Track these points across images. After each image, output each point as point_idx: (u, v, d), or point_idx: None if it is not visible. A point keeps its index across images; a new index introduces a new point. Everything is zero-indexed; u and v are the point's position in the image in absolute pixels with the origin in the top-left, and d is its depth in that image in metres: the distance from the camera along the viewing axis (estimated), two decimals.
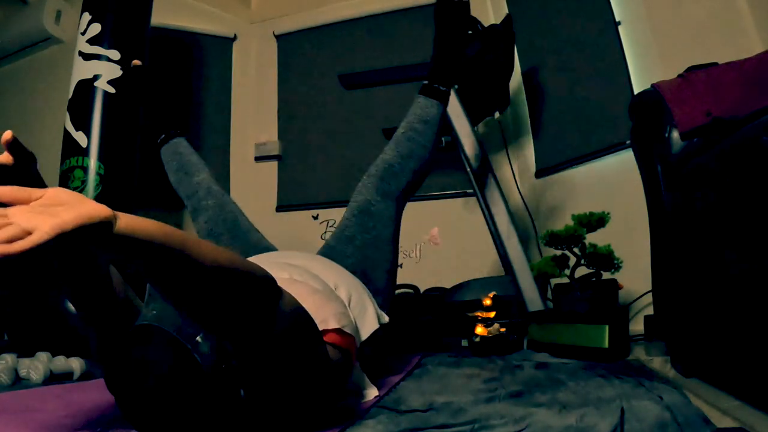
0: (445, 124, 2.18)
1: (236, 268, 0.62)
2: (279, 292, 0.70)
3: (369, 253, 1.28)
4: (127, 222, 0.50)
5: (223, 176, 3.00)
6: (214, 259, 0.58)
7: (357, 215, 1.31)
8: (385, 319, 1.15)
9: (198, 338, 0.68)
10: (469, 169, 2.05)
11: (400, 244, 1.36)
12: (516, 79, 2.46)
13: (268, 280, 0.68)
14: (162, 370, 0.66)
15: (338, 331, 0.90)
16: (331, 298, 0.98)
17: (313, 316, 0.86)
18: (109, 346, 0.73)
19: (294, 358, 0.75)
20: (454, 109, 2.06)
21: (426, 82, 1.47)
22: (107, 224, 0.48)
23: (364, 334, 1.06)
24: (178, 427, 0.68)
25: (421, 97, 1.45)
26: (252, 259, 1.20)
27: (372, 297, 1.17)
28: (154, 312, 0.71)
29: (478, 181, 2.01)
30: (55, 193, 0.49)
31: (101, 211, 0.48)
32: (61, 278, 0.72)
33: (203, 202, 1.46)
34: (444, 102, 1.45)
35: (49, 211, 0.46)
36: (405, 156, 1.35)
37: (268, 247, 1.37)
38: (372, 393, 1.01)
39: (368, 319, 1.09)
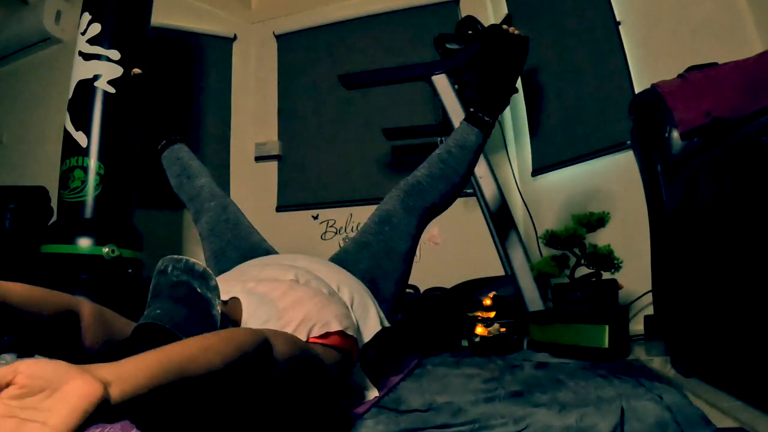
0: (447, 124, 2.17)
1: (231, 359, 0.59)
2: (269, 347, 0.68)
3: (381, 263, 1.27)
4: (121, 388, 0.43)
5: (223, 176, 3.00)
6: (208, 362, 0.55)
7: (377, 223, 1.31)
8: (386, 323, 1.14)
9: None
10: None
11: None
12: None
13: (258, 345, 0.65)
14: None
15: (340, 333, 0.90)
16: (333, 299, 0.98)
17: (315, 319, 0.86)
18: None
19: (297, 383, 0.75)
20: (454, 109, 2.06)
21: (472, 109, 1.46)
22: (104, 403, 0.41)
23: (367, 335, 1.06)
24: (179, 425, 0.68)
25: (464, 123, 1.45)
26: (254, 261, 1.20)
27: (374, 300, 1.17)
28: (158, 311, 0.71)
29: (478, 181, 2.01)
30: (28, 375, 0.39)
31: (91, 392, 0.40)
32: None
33: (205, 204, 1.46)
34: (486, 133, 1.44)
35: (33, 415, 0.37)
36: (435, 177, 1.35)
37: (268, 250, 1.37)
38: (372, 394, 1.01)
39: (371, 321, 1.09)
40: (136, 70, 1.72)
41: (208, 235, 1.41)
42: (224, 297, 0.87)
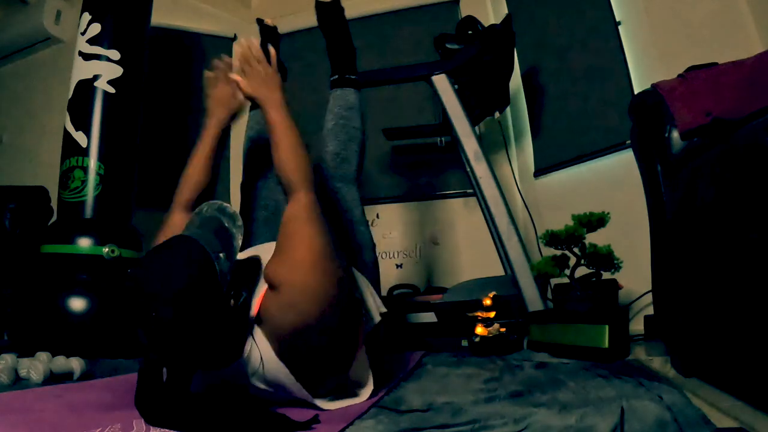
0: (447, 124, 2.18)
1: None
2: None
3: (352, 237, 1.36)
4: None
5: (223, 176, 2.99)
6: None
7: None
8: (383, 309, 1.19)
9: (221, 254, 0.80)
10: (469, 169, 2.05)
11: (400, 244, 1.39)
12: (516, 79, 2.46)
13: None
14: (183, 266, 0.76)
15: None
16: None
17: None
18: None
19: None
20: (454, 109, 2.06)
21: (336, 76, 1.61)
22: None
23: (372, 317, 1.11)
24: (184, 345, 0.75)
25: (337, 89, 1.58)
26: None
27: (372, 289, 1.22)
28: (193, 230, 0.84)
29: (478, 181, 2.01)
30: (272, 74, 1.18)
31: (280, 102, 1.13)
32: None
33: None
34: (358, 87, 1.58)
35: (267, 86, 1.15)
36: (346, 141, 1.47)
37: None
38: (367, 391, 1.01)
39: (372, 307, 1.14)
40: (269, 21, 1.97)
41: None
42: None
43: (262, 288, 0.90)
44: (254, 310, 0.88)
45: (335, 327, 0.91)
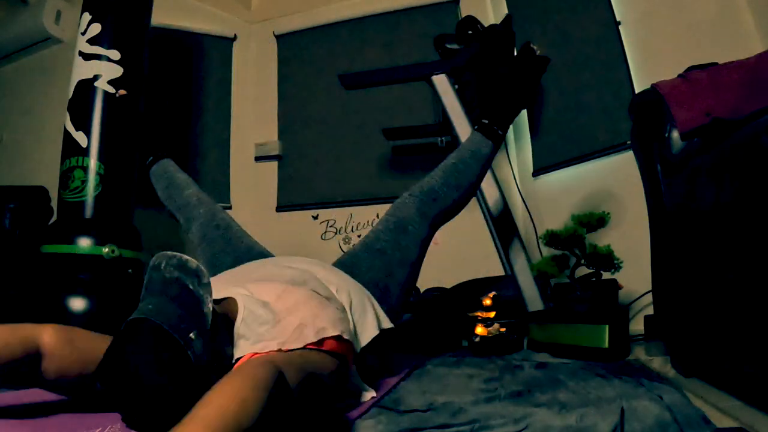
0: (447, 124, 2.17)
1: (263, 403, 0.61)
2: (284, 378, 0.69)
3: (395, 270, 1.28)
4: None
5: (223, 176, 3.00)
6: (248, 416, 0.58)
7: (393, 230, 1.32)
8: (387, 324, 1.13)
9: (192, 335, 0.70)
10: None
11: None
12: None
13: (276, 380, 0.67)
14: (154, 364, 0.68)
15: (336, 338, 0.90)
16: (329, 303, 0.98)
17: (310, 324, 0.87)
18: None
19: (305, 401, 0.76)
20: (454, 109, 2.06)
21: (486, 120, 1.49)
22: None
23: (364, 339, 1.05)
24: (169, 421, 0.69)
25: (478, 134, 1.49)
26: (251, 264, 1.19)
27: (374, 301, 1.16)
28: (150, 306, 0.73)
29: None
30: None
31: None
32: None
33: (194, 211, 1.49)
34: (497, 144, 1.49)
35: None
36: (450, 186, 1.39)
37: (263, 252, 1.37)
38: (369, 395, 1.01)
39: (368, 325, 1.08)
40: (122, 92, 1.76)
41: (200, 242, 1.42)
42: (219, 296, 0.87)
43: (243, 346, 0.83)
44: (237, 363, 0.80)
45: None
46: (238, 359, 0.81)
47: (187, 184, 1.59)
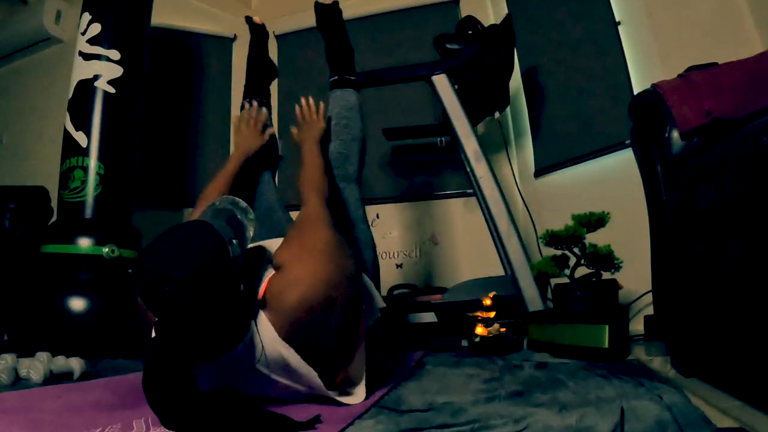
0: (447, 124, 2.18)
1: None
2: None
3: (353, 236, 1.38)
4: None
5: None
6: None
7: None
8: (382, 304, 1.21)
9: (234, 240, 0.82)
10: (469, 169, 2.05)
11: (400, 244, 1.40)
12: (516, 79, 2.46)
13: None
14: (198, 249, 0.78)
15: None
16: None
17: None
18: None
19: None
20: (454, 109, 2.06)
21: (335, 77, 1.64)
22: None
23: (371, 317, 1.13)
24: (192, 323, 0.76)
25: (337, 90, 1.62)
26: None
27: (372, 285, 1.24)
28: (207, 218, 0.86)
29: (478, 181, 2.01)
30: (317, 121, 1.46)
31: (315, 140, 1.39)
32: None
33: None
34: (357, 87, 1.62)
35: (310, 131, 1.42)
36: (348, 141, 1.52)
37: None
38: (360, 390, 1.00)
39: (376, 297, 1.18)
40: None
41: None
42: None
43: (268, 274, 0.92)
44: (260, 294, 0.89)
45: (340, 314, 0.92)
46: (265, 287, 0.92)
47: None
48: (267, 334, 0.86)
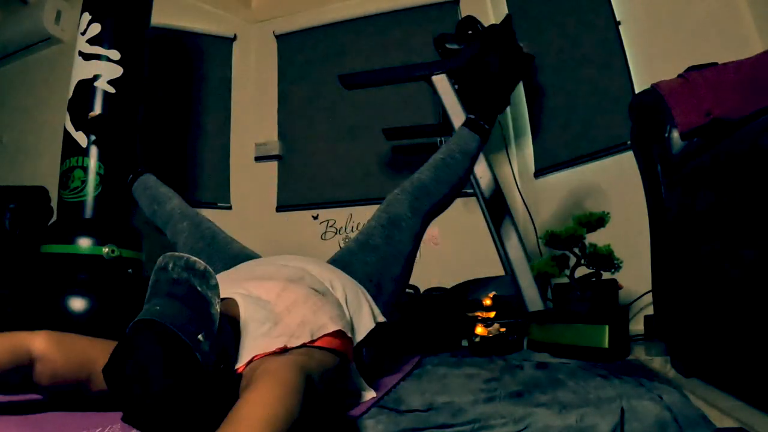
0: (447, 124, 2.17)
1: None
2: (312, 383, 0.73)
3: (389, 265, 1.30)
4: None
5: (223, 176, 3.00)
6: None
7: (386, 226, 1.33)
8: (381, 318, 1.15)
9: (200, 336, 0.70)
10: None
11: None
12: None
13: (308, 387, 0.71)
14: (162, 366, 0.67)
15: (337, 332, 0.90)
16: (327, 299, 0.99)
17: (311, 322, 0.88)
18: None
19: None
20: (454, 109, 2.06)
21: (473, 116, 1.54)
22: None
23: (361, 333, 1.06)
24: (175, 424, 0.69)
25: (466, 129, 1.52)
26: (247, 264, 1.20)
27: (368, 296, 1.18)
28: (157, 308, 0.72)
29: (478, 181, 2.01)
30: None
31: None
32: None
33: (179, 225, 1.49)
34: (484, 139, 1.53)
35: None
36: (441, 181, 1.41)
37: (251, 255, 1.36)
38: (369, 395, 1.01)
39: (364, 318, 1.09)
40: (93, 113, 1.80)
41: (189, 252, 1.41)
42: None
43: (246, 349, 0.82)
44: (239, 369, 0.80)
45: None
46: (245, 362, 0.81)
47: (169, 198, 1.60)
48: None
